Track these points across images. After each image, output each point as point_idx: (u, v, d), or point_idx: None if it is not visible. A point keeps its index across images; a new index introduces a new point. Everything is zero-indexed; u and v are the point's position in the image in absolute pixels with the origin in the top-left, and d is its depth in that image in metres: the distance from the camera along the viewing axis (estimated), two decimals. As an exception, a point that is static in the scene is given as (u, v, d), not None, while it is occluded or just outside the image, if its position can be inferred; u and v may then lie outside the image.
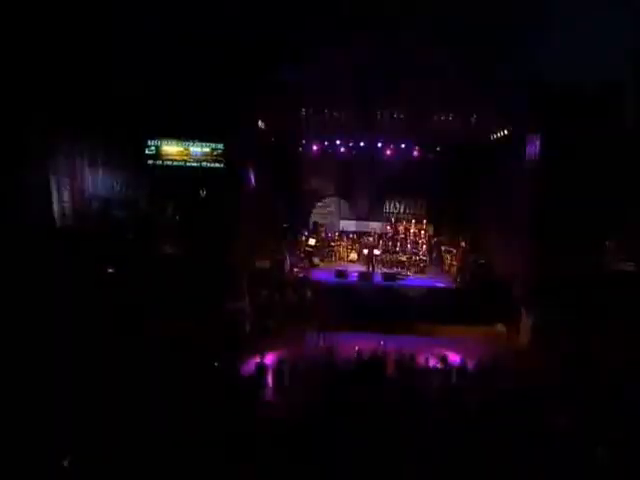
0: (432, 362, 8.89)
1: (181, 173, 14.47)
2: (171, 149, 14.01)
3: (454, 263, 15.61)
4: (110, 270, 13.40)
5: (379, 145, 16.73)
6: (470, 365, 8.93)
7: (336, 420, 6.99)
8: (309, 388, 7.87)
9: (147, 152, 13.92)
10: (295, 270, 14.35)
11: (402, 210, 18.64)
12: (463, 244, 15.27)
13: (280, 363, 8.48)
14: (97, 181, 15.28)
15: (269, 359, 9.53)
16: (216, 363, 8.27)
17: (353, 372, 8.42)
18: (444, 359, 8.60)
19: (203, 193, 15.01)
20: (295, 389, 8.20)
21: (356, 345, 9.44)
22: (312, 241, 16.49)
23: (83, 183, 15.37)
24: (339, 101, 12.63)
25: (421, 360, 9.13)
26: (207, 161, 13.79)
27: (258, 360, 8.40)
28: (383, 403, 7.59)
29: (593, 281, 12.83)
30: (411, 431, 7.02)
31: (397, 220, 18.04)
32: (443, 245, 17.16)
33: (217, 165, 13.75)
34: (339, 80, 11.95)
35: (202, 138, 13.83)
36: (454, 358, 9.75)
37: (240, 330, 11.45)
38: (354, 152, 17.19)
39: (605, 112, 12.97)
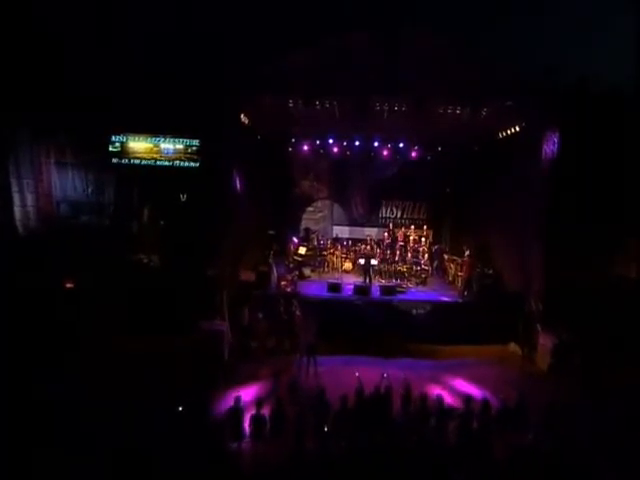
0: (447, 400, 7.31)
1: (155, 174, 13.09)
2: (139, 146, 12.56)
3: (459, 274, 14.24)
4: (69, 285, 11.84)
5: (375, 145, 15.72)
6: (493, 402, 7.37)
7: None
8: (296, 437, 6.25)
9: (111, 149, 12.34)
10: (283, 283, 12.90)
11: (400, 215, 17.72)
12: (467, 252, 13.82)
13: (260, 404, 6.83)
14: (66, 183, 14.00)
15: (248, 394, 7.94)
16: (180, 407, 6.60)
17: (351, 416, 6.82)
18: (468, 401, 7.00)
19: (184, 197, 13.71)
20: (278, 438, 6.59)
21: (352, 372, 8.07)
22: (302, 249, 15.51)
23: (50, 185, 14.09)
24: (332, 90, 11.06)
25: (433, 394, 7.57)
26: (180, 159, 12.29)
27: (232, 403, 6.74)
28: (388, 457, 6.05)
29: (619, 293, 11.57)
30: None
31: (395, 226, 17.11)
32: (445, 253, 15.88)
33: (192, 164, 12.21)
34: (333, 67, 10.46)
35: (174, 133, 12.28)
36: (472, 391, 8.20)
37: (216, 356, 9.80)
38: (348, 152, 16.25)
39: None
